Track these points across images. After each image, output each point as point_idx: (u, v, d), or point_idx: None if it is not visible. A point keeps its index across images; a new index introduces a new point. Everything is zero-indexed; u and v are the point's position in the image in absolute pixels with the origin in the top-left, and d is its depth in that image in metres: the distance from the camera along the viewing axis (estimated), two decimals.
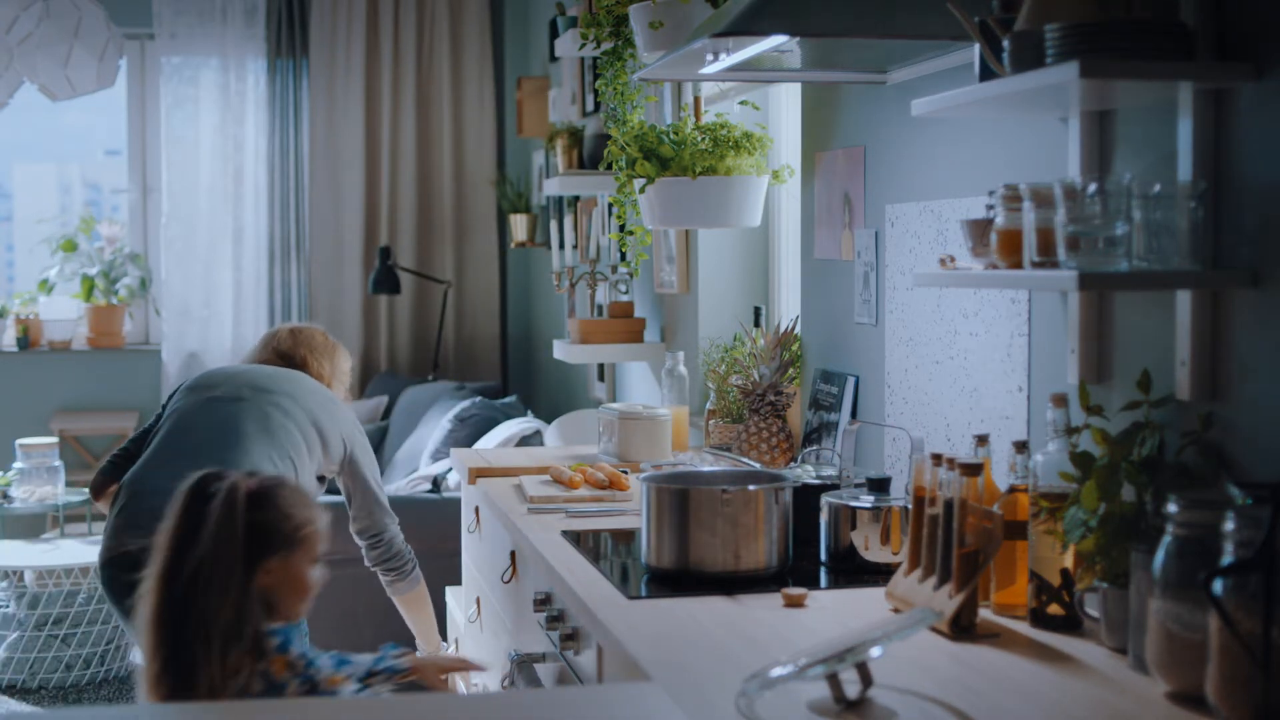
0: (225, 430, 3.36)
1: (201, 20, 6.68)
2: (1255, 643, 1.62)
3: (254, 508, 2.35)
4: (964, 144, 2.70)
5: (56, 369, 6.82)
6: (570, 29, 4.77)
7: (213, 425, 3.39)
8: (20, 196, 7.97)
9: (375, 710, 1.98)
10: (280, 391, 3.48)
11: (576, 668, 2.60)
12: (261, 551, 2.34)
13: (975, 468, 2.22)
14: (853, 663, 1.79)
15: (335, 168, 6.81)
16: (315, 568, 2.41)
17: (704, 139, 3.42)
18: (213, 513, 2.32)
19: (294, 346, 3.69)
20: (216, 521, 2.31)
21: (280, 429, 3.39)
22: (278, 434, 3.38)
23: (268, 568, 2.34)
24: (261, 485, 2.38)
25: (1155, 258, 1.96)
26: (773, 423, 3.52)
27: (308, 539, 2.39)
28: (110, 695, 5.05)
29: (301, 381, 3.56)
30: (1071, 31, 1.95)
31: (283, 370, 3.59)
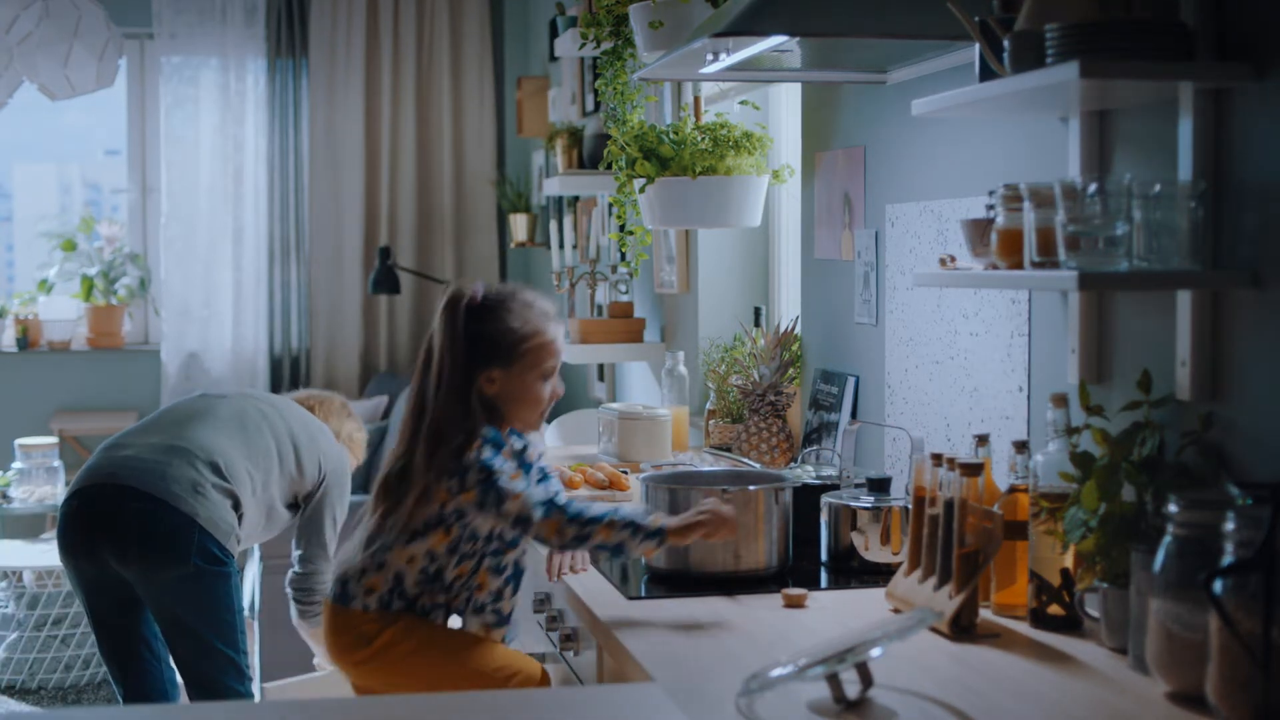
0: (201, 412, 3.42)
1: (201, 20, 6.68)
2: (1255, 643, 1.62)
3: (476, 319, 2.46)
4: (964, 144, 2.70)
5: (56, 369, 6.82)
6: (570, 29, 4.77)
7: (192, 408, 3.46)
8: (20, 196, 7.97)
9: (377, 710, 1.97)
10: (266, 401, 3.52)
11: (576, 668, 2.60)
12: (483, 361, 2.45)
13: (976, 468, 2.22)
14: (853, 663, 1.79)
15: (335, 168, 6.81)
16: (545, 381, 2.49)
17: (704, 139, 3.42)
18: (439, 321, 2.45)
19: (305, 398, 3.72)
20: (441, 329, 2.45)
21: (254, 428, 3.40)
22: (250, 430, 3.39)
23: (490, 376, 2.45)
24: (488, 297, 2.47)
25: (1155, 258, 1.96)
26: (773, 423, 3.51)
27: (531, 352, 2.47)
28: (110, 695, 5.05)
29: (292, 406, 3.57)
30: (1071, 31, 1.95)
31: (281, 398, 3.62)
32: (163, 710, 2.19)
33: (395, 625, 2.48)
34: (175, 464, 3.24)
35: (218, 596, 3.25)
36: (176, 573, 3.19)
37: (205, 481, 3.24)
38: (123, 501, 3.19)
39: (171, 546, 3.18)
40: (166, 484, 3.20)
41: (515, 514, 2.38)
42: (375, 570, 2.49)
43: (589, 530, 2.36)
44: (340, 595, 2.52)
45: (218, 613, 3.26)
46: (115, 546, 3.21)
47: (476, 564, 2.47)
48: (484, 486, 2.39)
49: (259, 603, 4.73)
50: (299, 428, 3.50)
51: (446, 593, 2.48)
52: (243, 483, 3.32)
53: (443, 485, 2.41)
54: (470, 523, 2.44)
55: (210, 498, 3.23)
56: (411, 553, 2.46)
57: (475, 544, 2.46)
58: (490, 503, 2.39)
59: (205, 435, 3.33)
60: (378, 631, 2.48)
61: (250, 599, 5.00)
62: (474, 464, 2.40)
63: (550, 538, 2.38)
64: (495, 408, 2.47)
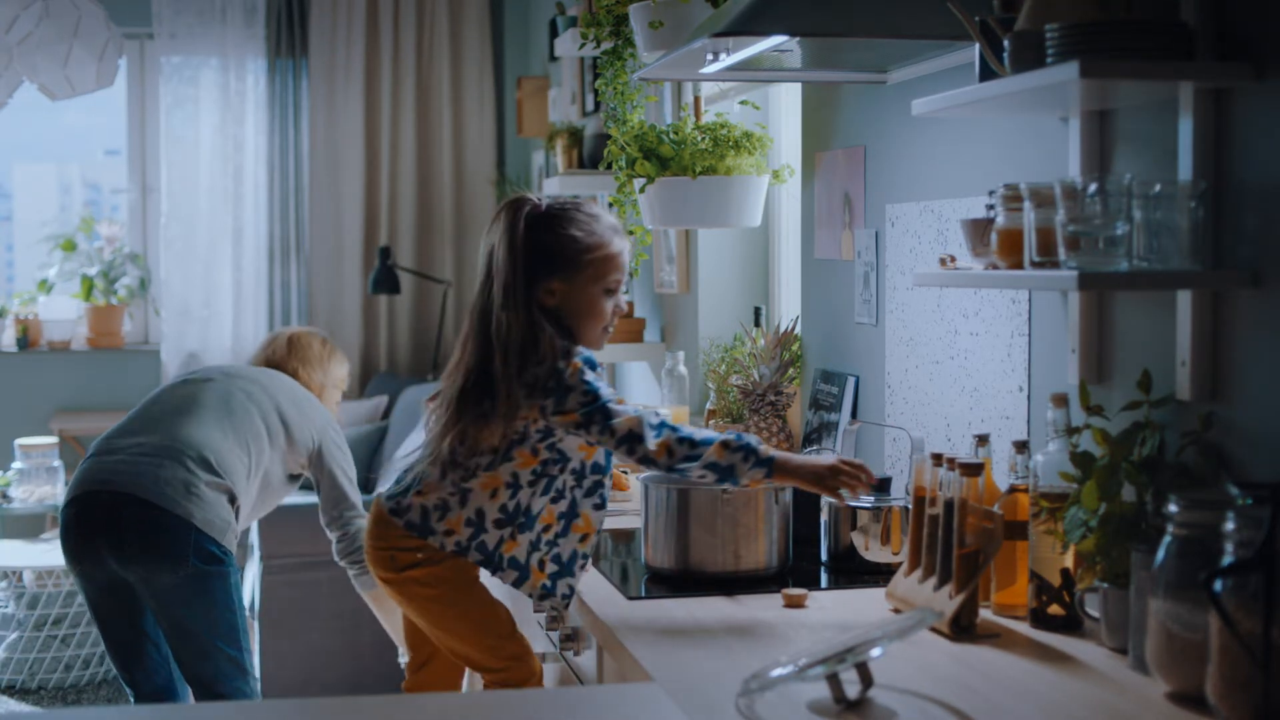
0: (186, 403, 3.45)
1: (201, 20, 6.68)
2: (1255, 643, 1.62)
3: (536, 228, 2.41)
4: (964, 144, 2.70)
5: (56, 369, 6.82)
6: (570, 29, 4.77)
7: (176, 398, 3.48)
8: (20, 196, 7.97)
9: (378, 710, 1.98)
10: (250, 379, 3.56)
11: (577, 668, 2.60)
12: (544, 272, 2.41)
13: (976, 468, 2.22)
14: (853, 663, 1.79)
15: (335, 168, 6.81)
16: (608, 296, 2.45)
17: (704, 139, 3.42)
18: (500, 229, 2.41)
19: (286, 358, 3.75)
20: (501, 237, 2.40)
21: (241, 410, 3.44)
22: (237, 413, 3.43)
23: (550, 288, 2.41)
24: (550, 207, 2.44)
25: (1155, 258, 1.96)
26: (773, 423, 3.51)
27: (595, 264, 2.43)
28: (110, 695, 5.05)
29: (276, 378, 3.61)
30: (1072, 31, 1.95)
31: (262, 369, 3.66)
32: (163, 710, 2.19)
33: (430, 567, 2.48)
34: (167, 465, 3.27)
35: (217, 596, 3.28)
36: (176, 575, 3.23)
37: (198, 481, 3.27)
38: (120, 508, 3.23)
39: (170, 550, 3.22)
40: (160, 488, 3.24)
41: (626, 431, 2.31)
42: (458, 505, 2.44)
43: (700, 450, 2.30)
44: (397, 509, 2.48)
45: (218, 612, 3.29)
46: (116, 552, 3.25)
47: (557, 495, 2.44)
48: (589, 408, 2.33)
49: (259, 603, 4.73)
50: (287, 402, 3.53)
51: (524, 531, 2.43)
52: (236, 472, 3.36)
53: (535, 403, 2.36)
54: (559, 444, 2.41)
55: (205, 497, 3.27)
56: (495, 481, 2.42)
57: (560, 468, 2.43)
58: (597, 423, 2.33)
59: (193, 430, 3.35)
60: (410, 563, 2.48)
61: (250, 599, 5.00)
62: (578, 385, 2.34)
63: (660, 457, 2.31)
64: (559, 321, 2.42)
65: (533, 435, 2.40)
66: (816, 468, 2.33)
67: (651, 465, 2.34)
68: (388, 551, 2.52)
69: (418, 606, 2.55)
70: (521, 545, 2.45)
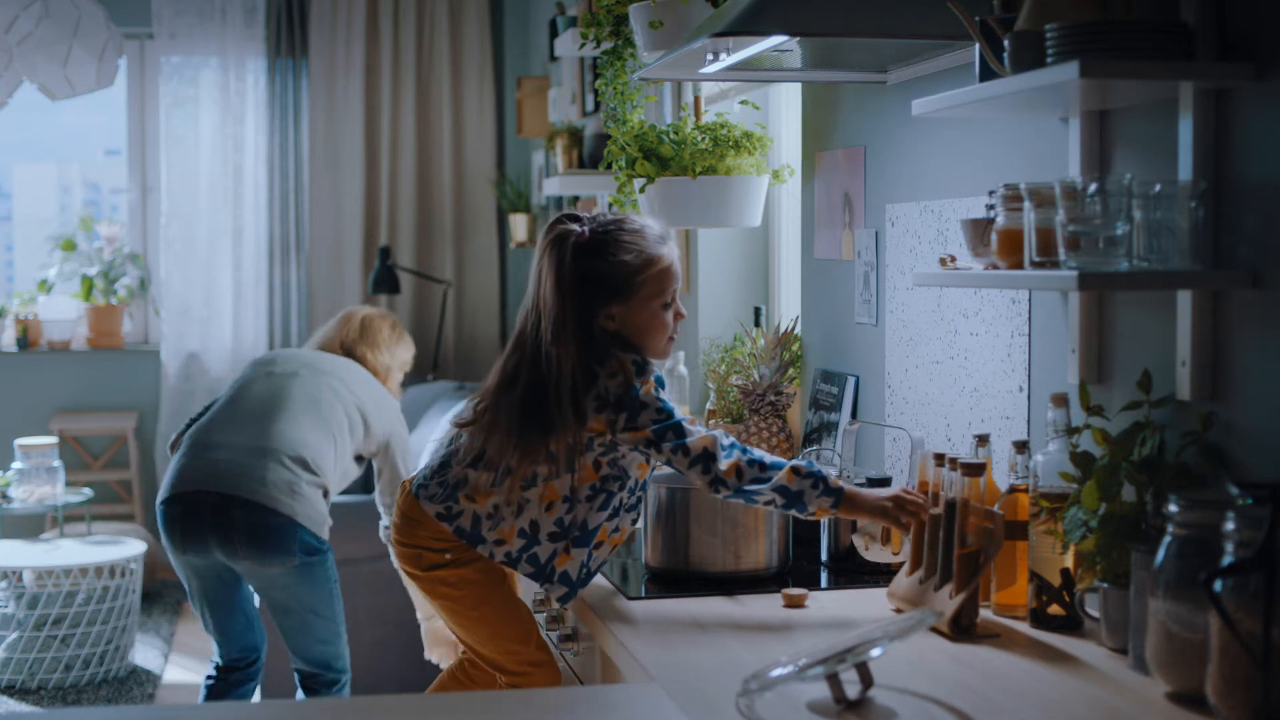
0: (277, 399, 3.67)
1: (201, 20, 6.68)
2: (1255, 643, 1.62)
3: (584, 256, 2.38)
4: (964, 144, 2.70)
5: (56, 369, 6.82)
6: (570, 29, 4.77)
7: (267, 394, 3.69)
8: (20, 196, 7.97)
9: (377, 710, 1.98)
10: (333, 374, 3.78)
11: (576, 668, 2.60)
12: (599, 299, 2.38)
13: (977, 468, 2.22)
14: (853, 663, 1.79)
15: (335, 167, 6.81)
16: (667, 308, 2.43)
17: (704, 139, 3.42)
18: (546, 262, 2.38)
19: (357, 342, 3.97)
20: (549, 271, 2.37)
21: (327, 405, 3.68)
22: (324, 409, 3.67)
23: (609, 314, 2.40)
24: (594, 234, 2.40)
25: (1155, 258, 1.96)
26: (773, 423, 3.51)
27: (649, 282, 2.41)
28: (110, 695, 5.05)
29: (355, 371, 3.85)
30: (1072, 31, 1.95)
31: (340, 359, 3.89)
32: (163, 710, 2.19)
33: (457, 568, 2.49)
34: (271, 467, 3.52)
35: (317, 580, 3.58)
36: (284, 567, 3.51)
37: (299, 480, 3.53)
38: (229, 509, 3.47)
39: (278, 546, 3.49)
40: (267, 489, 3.48)
41: (701, 450, 2.31)
42: (512, 516, 2.42)
43: (770, 474, 2.30)
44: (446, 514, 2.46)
45: (317, 593, 3.59)
46: (225, 549, 3.50)
47: (613, 512, 2.44)
48: (661, 425, 2.32)
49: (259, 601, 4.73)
50: (365, 396, 3.78)
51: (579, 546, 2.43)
52: (328, 469, 3.62)
53: (604, 417, 2.34)
54: (621, 460, 2.41)
55: (305, 495, 3.53)
56: (553, 495, 2.41)
57: (619, 485, 2.42)
58: (669, 441, 2.32)
59: (289, 430, 3.59)
60: (437, 564, 2.49)
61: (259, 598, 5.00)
62: (651, 403, 2.33)
63: (729, 478, 2.30)
64: (623, 340, 2.40)
65: (595, 449, 2.39)
66: (881, 501, 2.32)
67: (720, 487, 2.33)
68: (415, 550, 2.52)
69: (441, 605, 2.56)
70: (575, 560, 2.44)
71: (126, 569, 5.21)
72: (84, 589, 5.10)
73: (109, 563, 5.14)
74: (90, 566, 5.10)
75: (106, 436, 6.82)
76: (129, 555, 5.20)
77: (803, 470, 2.31)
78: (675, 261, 2.46)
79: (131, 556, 5.21)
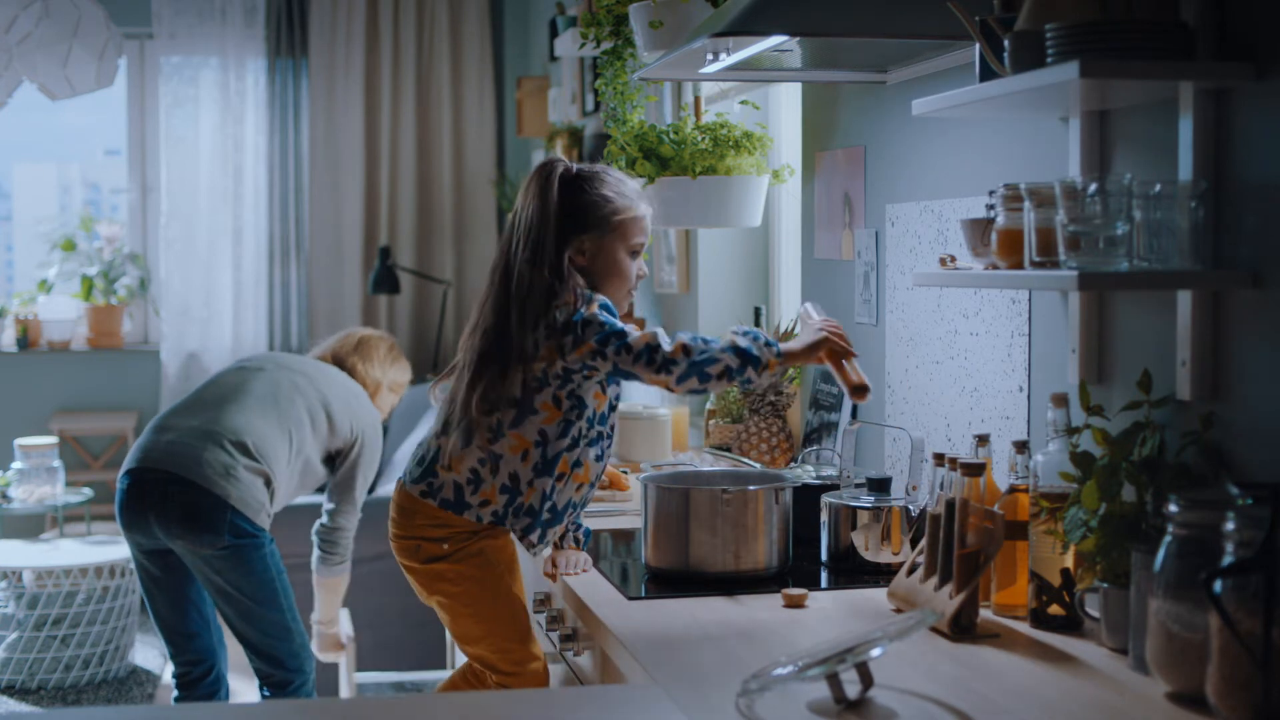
0: (236, 390, 3.71)
1: (201, 20, 6.68)
2: (1255, 643, 1.62)
3: (569, 188, 2.50)
4: (964, 144, 2.70)
5: (56, 369, 6.82)
6: (570, 29, 4.77)
7: (228, 385, 3.75)
8: (20, 196, 7.97)
9: (376, 710, 1.98)
10: (300, 372, 3.80)
11: (576, 668, 2.60)
12: (574, 230, 2.49)
13: (977, 468, 2.22)
14: (853, 663, 1.79)
15: (335, 168, 6.81)
16: (633, 257, 2.54)
17: (704, 139, 3.42)
18: (531, 190, 2.49)
19: (349, 354, 4.00)
20: (534, 197, 2.48)
21: (286, 400, 3.69)
22: (282, 403, 3.68)
23: (581, 246, 2.49)
24: (580, 170, 2.53)
25: (1155, 257, 1.96)
26: (773, 423, 3.52)
27: (623, 225, 2.52)
28: (109, 695, 5.05)
29: (328, 372, 3.86)
30: (1072, 31, 1.95)
31: (319, 364, 3.91)
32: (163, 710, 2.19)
33: (455, 564, 2.52)
34: (210, 449, 3.55)
35: (253, 564, 3.57)
36: (214, 547, 3.53)
37: (236, 464, 3.55)
38: (166, 485, 3.54)
39: (208, 525, 3.51)
40: (201, 469, 3.52)
41: (644, 345, 2.37)
42: (490, 475, 2.50)
43: (713, 343, 2.39)
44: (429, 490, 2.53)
45: (256, 579, 3.58)
46: (161, 524, 3.56)
47: (572, 443, 2.50)
48: (602, 334, 2.39)
49: None
50: (333, 392, 3.78)
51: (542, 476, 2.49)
52: (275, 458, 3.62)
53: (552, 343, 2.42)
54: (577, 390, 2.47)
55: (241, 479, 3.54)
56: (524, 443, 2.48)
57: (578, 415, 2.48)
58: (612, 344, 2.38)
59: (238, 417, 3.62)
60: (436, 555, 2.53)
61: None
62: (593, 319, 2.41)
63: (678, 356, 2.36)
64: (588, 278, 2.49)
65: (552, 382, 2.45)
66: (804, 344, 2.43)
67: (672, 368, 2.37)
68: (413, 541, 2.55)
69: (438, 601, 2.58)
70: (537, 491, 2.51)
71: (126, 569, 5.21)
72: (84, 589, 5.10)
73: (109, 563, 5.14)
74: (90, 566, 5.10)
75: (106, 436, 6.83)
76: (129, 555, 5.19)
77: (740, 330, 2.41)
78: (649, 218, 2.57)
79: (131, 556, 5.20)
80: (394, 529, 2.59)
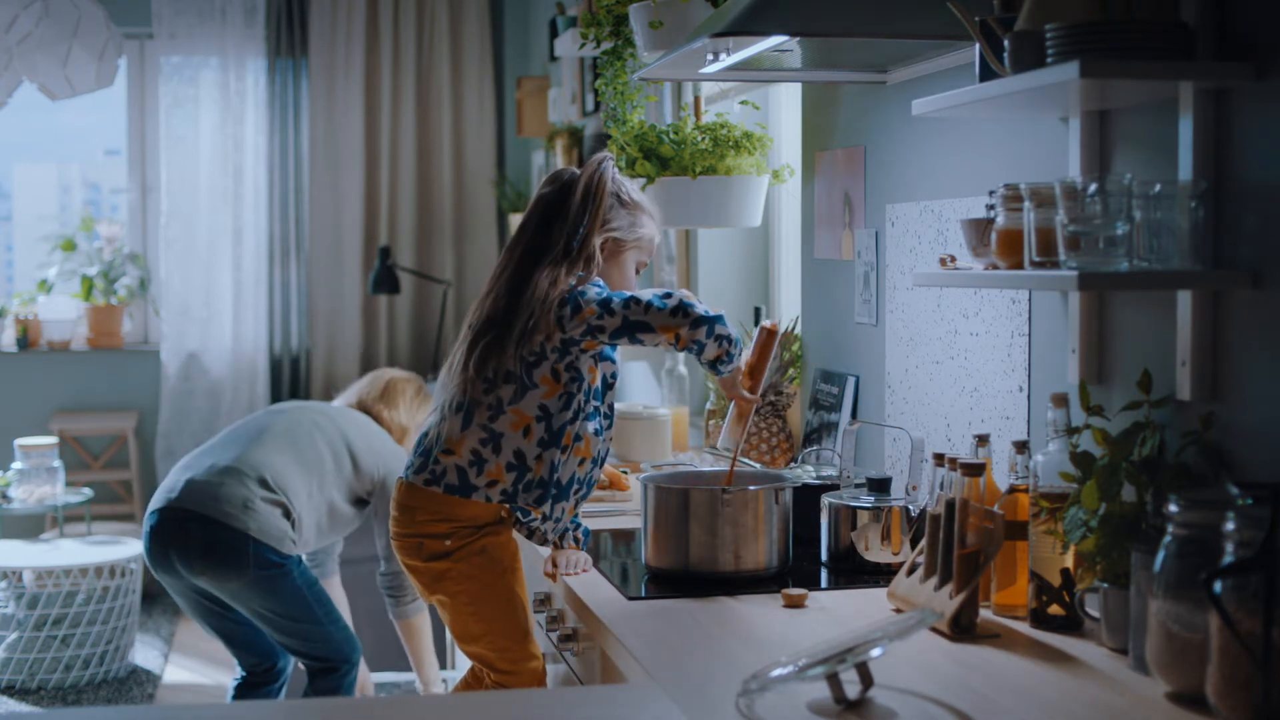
0: (258, 430, 3.75)
1: (201, 20, 6.68)
2: (1255, 643, 1.62)
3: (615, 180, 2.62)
4: (964, 144, 2.70)
5: (56, 369, 6.82)
6: (570, 29, 4.77)
7: (252, 427, 3.78)
8: (20, 196, 7.97)
9: (375, 710, 1.98)
10: (322, 413, 3.85)
11: (576, 668, 2.60)
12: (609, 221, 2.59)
13: (977, 468, 2.22)
14: (853, 663, 1.79)
15: (335, 168, 6.81)
16: (635, 269, 2.67)
17: (704, 139, 3.42)
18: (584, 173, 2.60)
19: (375, 400, 4.04)
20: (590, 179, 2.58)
21: (305, 437, 3.73)
22: (300, 440, 3.71)
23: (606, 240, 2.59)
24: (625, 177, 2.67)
25: (1155, 257, 1.96)
26: (773, 423, 3.51)
27: (642, 240, 2.65)
28: (110, 695, 5.05)
29: (348, 414, 3.91)
30: (1072, 31, 1.95)
31: (343, 408, 3.96)
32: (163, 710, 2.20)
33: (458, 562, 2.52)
34: (227, 484, 3.58)
35: (284, 590, 3.60)
36: (241, 580, 3.56)
37: (254, 496, 3.57)
38: (185, 524, 3.56)
39: (231, 560, 3.54)
40: (220, 505, 3.55)
41: (654, 293, 2.47)
42: (493, 454, 2.51)
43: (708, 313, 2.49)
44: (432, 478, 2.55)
45: (288, 602, 3.62)
46: (184, 561, 3.58)
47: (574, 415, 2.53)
48: (602, 302, 2.46)
49: None
50: (354, 432, 3.81)
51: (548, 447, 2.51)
52: (294, 491, 3.63)
53: (549, 317, 2.47)
54: (575, 362, 2.50)
55: (259, 510, 3.56)
56: (525, 419, 2.50)
57: (578, 387, 2.52)
58: (614, 307, 2.45)
59: (255, 453, 3.65)
60: (439, 553, 2.53)
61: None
62: (587, 288, 2.48)
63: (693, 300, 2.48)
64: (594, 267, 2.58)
65: (550, 356, 2.49)
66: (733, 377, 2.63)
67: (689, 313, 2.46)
68: (415, 539, 2.55)
69: (438, 600, 2.58)
70: (546, 462, 2.53)
71: (126, 569, 5.21)
72: (84, 589, 5.10)
73: (109, 563, 5.14)
74: (90, 566, 5.10)
75: (106, 436, 6.82)
76: (129, 555, 5.20)
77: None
78: (657, 243, 2.72)
79: (131, 556, 5.21)
80: (395, 527, 2.59)
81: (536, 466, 2.52)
